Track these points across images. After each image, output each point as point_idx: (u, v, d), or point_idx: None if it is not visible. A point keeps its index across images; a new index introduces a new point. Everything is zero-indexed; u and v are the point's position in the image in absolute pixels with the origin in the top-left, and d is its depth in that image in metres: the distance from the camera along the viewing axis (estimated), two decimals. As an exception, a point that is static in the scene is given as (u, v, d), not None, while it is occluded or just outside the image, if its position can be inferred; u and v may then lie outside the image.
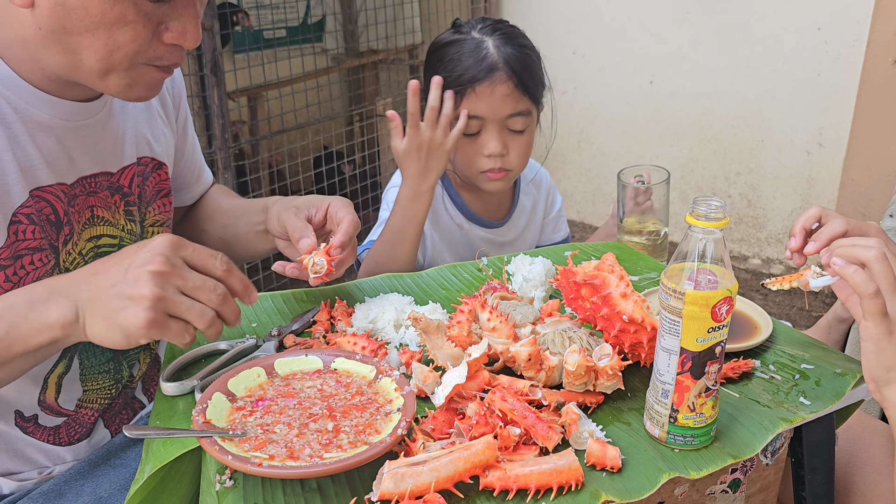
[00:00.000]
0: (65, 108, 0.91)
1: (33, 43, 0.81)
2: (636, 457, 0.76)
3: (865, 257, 0.81)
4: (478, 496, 0.70)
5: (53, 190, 0.91)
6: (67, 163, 0.93)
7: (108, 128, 0.98)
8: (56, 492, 0.96)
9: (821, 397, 0.86)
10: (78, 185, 0.95)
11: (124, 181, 1.02)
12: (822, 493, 0.92)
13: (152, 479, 0.77)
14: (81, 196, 0.95)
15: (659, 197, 1.39)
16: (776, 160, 3.22)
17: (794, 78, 3.06)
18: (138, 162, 1.05)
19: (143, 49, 0.82)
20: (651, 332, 0.82)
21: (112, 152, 1.00)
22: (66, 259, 0.94)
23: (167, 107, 1.13)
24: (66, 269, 0.93)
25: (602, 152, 3.75)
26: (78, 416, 1.01)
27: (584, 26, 3.55)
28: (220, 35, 2.46)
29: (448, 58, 1.37)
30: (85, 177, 0.96)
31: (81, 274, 0.78)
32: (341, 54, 3.56)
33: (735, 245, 3.47)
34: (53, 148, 0.91)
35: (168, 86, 1.14)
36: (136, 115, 1.05)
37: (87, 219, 0.97)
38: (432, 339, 0.87)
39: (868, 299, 0.79)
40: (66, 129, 0.92)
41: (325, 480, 0.73)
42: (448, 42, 1.39)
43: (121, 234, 1.02)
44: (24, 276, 0.88)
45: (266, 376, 0.83)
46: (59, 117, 0.90)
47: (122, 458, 1.02)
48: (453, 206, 1.52)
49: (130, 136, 1.03)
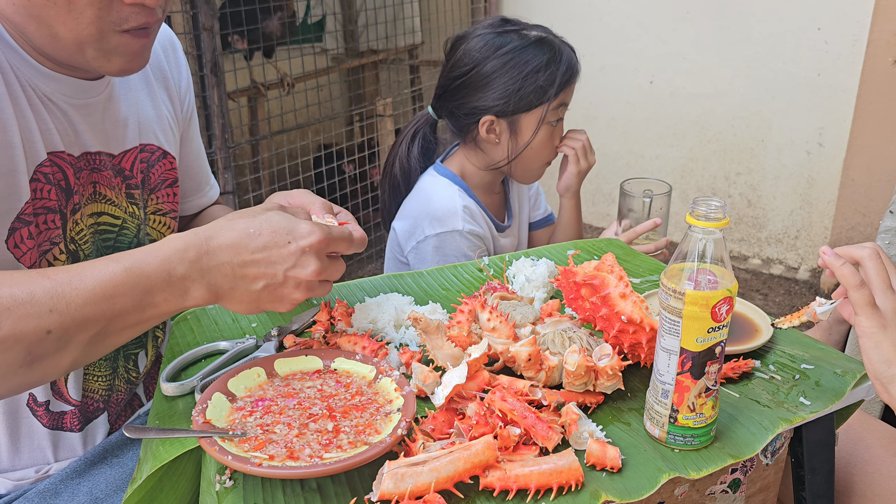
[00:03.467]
0: (67, 84, 0.92)
1: (16, 18, 0.82)
2: (636, 457, 0.76)
3: (859, 255, 0.83)
4: (478, 496, 0.70)
5: (64, 156, 0.93)
6: (73, 136, 0.94)
7: (109, 110, 0.99)
8: (52, 491, 0.96)
9: (821, 397, 0.86)
10: (83, 159, 0.96)
11: (126, 164, 1.03)
12: (822, 493, 0.92)
13: (150, 478, 0.77)
14: (86, 170, 0.97)
15: (657, 210, 1.44)
16: (776, 160, 3.22)
17: (794, 78, 3.06)
18: (142, 148, 1.05)
19: (104, 13, 0.81)
20: (650, 333, 0.82)
21: (113, 135, 1.01)
22: (73, 228, 0.95)
23: (174, 98, 1.13)
24: (71, 239, 0.95)
25: (602, 152, 3.75)
26: (84, 405, 1.02)
27: (584, 26, 3.55)
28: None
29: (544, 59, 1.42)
30: (89, 152, 0.97)
31: (219, 256, 0.77)
32: (341, 54, 3.57)
33: (735, 245, 3.47)
34: (61, 119, 0.93)
35: (174, 76, 1.14)
36: (140, 103, 1.06)
37: (90, 194, 0.98)
38: (432, 339, 0.87)
39: (853, 290, 0.81)
40: (70, 106, 0.93)
41: (325, 480, 0.73)
42: (533, 42, 1.43)
43: (123, 215, 1.03)
44: (42, 233, 0.90)
45: (266, 376, 0.83)
46: (61, 92, 0.92)
47: (119, 458, 1.02)
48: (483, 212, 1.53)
49: (133, 121, 1.04)
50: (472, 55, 1.43)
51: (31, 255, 0.90)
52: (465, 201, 1.48)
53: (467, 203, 1.48)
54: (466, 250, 1.45)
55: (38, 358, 0.71)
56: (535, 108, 1.43)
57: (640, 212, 1.46)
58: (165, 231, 1.12)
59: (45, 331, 0.70)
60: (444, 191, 1.49)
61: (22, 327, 0.69)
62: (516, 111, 1.43)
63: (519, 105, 1.42)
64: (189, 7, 2.31)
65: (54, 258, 0.93)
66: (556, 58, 1.42)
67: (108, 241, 1.02)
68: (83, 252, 0.97)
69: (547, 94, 1.42)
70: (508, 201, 1.64)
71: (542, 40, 1.43)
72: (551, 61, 1.41)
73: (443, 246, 1.45)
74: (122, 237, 1.04)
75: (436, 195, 1.49)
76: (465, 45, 1.45)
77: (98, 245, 1.01)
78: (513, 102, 1.42)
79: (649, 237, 1.47)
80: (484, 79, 1.42)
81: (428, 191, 1.51)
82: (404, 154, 1.56)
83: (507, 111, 1.43)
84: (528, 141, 1.45)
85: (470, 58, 1.44)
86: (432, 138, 1.58)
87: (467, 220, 1.46)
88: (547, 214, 1.78)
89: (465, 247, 1.45)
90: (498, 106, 1.42)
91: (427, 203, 1.48)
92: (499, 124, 1.45)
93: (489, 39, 1.43)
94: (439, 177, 1.52)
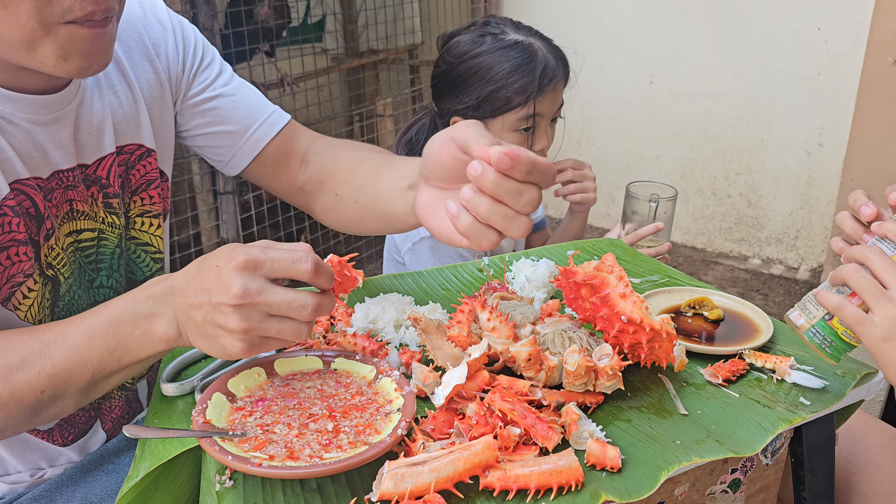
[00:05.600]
0: (27, 104, 0.85)
1: None
2: (636, 457, 0.76)
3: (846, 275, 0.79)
4: (478, 496, 0.70)
5: (30, 183, 0.87)
6: (40, 157, 0.89)
7: (81, 118, 0.93)
8: (46, 496, 0.95)
9: (821, 397, 0.86)
10: (54, 179, 0.91)
11: (101, 172, 0.97)
12: (822, 493, 0.92)
13: (147, 477, 0.77)
14: (59, 190, 0.91)
15: (661, 214, 1.44)
16: (776, 160, 3.22)
17: (794, 78, 3.06)
18: (119, 151, 0.99)
19: (43, 3, 0.73)
20: (650, 333, 0.82)
21: (88, 143, 0.95)
22: (49, 254, 0.91)
23: (158, 67, 1.04)
24: (48, 265, 0.91)
25: (602, 152, 3.75)
26: (71, 416, 1.00)
27: (584, 26, 3.55)
28: None
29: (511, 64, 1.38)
30: (61, 170, 0.91)
31: (176, 285, 0.74)
32: (341, 54, 3.56)
33: (735, 245, 3.47)
34: (23, 142, 0.86)
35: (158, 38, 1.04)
36: (117, 101, 0.99)
37: (66, 213, 0.94)
38: (432, 340, 0.87)
39: (839, 313, 0.78)
40: (34, 125, 0.87)
41: (325, 480, 0.73)
42: (507, 47, 1.39)
43: (100, 226, 0.99)
44: (8, 267, 0.86)
45: (266, 376, 0.83)
46: (21, 112, 0.85)
47: (114, 464, 1.01)
48: None
49: (109, 124, 0.97)
50: (447, 56, 1.44)
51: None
52: None
53: None
54: (462, 251, 1.45)
55: (41, 409, 0.78)
56: (499, 116, 1.41)
57: (645, 215, 1.46)
58: (155, 232, 1.07)
59: (39, 391, 0.76)
60: None
61: (18, 392, 0.76)
62: (483, 117, 1.42)
63: (485, 111, 1.41)
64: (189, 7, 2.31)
65: (29, 290, 0.89)
66: (526, 65, 1.38)
67: (90, 257, 0.99)
68: (62, 276, 0.94)
69: (512, 102, 1.40)
70: None
71: (516, 45, 1.40)
72: (518, 68, 1.38)
73: (438, 247, 1.45)
74: (104, 249, 1.00)
75: None
76: (448, 44, 1.45)
77: (80, 262, 0.97)
78: (479, 108, 1.40)
79: (652, 240, 1.48)
80: (454, 81, 1.42)
81: None
82: (402, 146, 1.56)
83: (476, 116, 1.41)
84: None
85: (445, 59, 1.44)
86: (432, 131, 1.58)
87: None
88: (539, 220, 1.77)
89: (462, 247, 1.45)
90: (466, 109, 1.42)
91: None
92: None
93: (467, 41, 1.42)
94: None
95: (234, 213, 2.57)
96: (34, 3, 0.73)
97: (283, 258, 0.70)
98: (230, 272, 0.69)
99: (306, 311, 0.70)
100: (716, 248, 3.52)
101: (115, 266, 1.02)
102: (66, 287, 0.95)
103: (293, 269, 0.70)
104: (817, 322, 0.78)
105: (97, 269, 1.00)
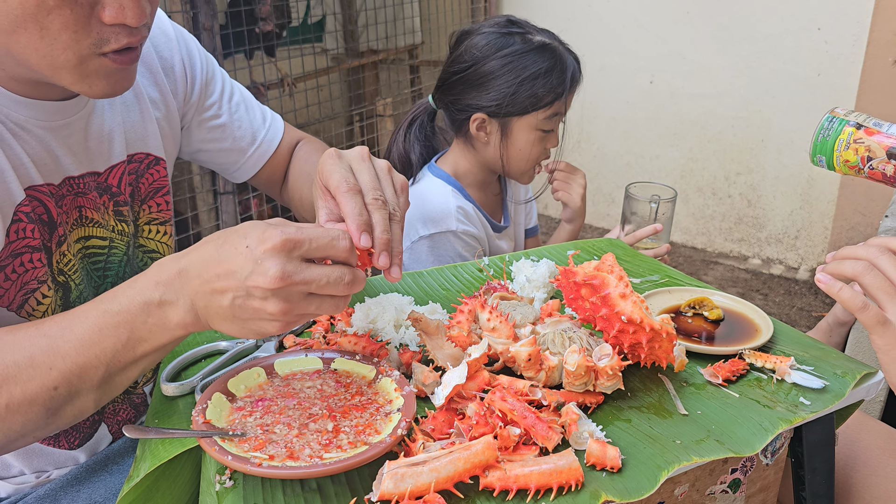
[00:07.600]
0: (41, 109, 0.86)
1: None
2: (636, 456, 0.76)
3: (852, 273, 0.78)
4: (478, 496, 0.70)
5: (44, 189, 0.88)
6: (53, 163, 0.90)
7: (92, 126, 0.94)
8: (51, 497, 0.95)
9: (821, 397, 0.86)
10: (65, 186, 0.92)
11: (112, 180, 0.98)
12: (822, 493, 0.92)
13: (147, 478, 0.77)
14: (69, 196, 0.92)
15: (661, 215, 1.45)
16: (776, 160, 3.22)
17: (794, 78, 3.06)
18: (130, 160, 1.01)
19: (82, 35, 0.74)
20: (650, 333, 0.82)
21: (98, 151, 0.96)
22: (60, 260, 0.92)
23: (162, 84, 1.06)
24: (59, 271, 0.92)
25: (602, 152, 3.75)
26: None
27: (584, 26, 3.55)
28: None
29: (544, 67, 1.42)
30: (72, 177, 0.92)
31: (190, 268, 0.72)
32: (341, 54, 3.56)
33: (735, 245, 3.47)
34: (37, 148, 0.87)
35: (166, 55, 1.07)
36: (126, 110, 1.00)
37: (76, 219, 0.94)
38: (432, 340, 0.87)
39: (859, 313, 0.78)
40: (46, 130, 0.88)
41: (325, 480, 0.73)
42: (536, 48, 1.42)
43: (110, 234, 0.99)
44: (22, 274, 0.87)
45: (266, 376, 0.83)
46: (35, 118, 0.86)
47: (119, 465, 1.01)
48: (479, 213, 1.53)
49: (119, 133, 0.98)
50: (472, 52, 1.43)
51: (11, 295, 0.87)
52: (460, 202, 1.48)
53: (462, 204, 1.48)
54: (461, 251, 1.45)
55: (58, 409, 0.74)
56: (527, 114, 1.43)
57: (645, 216, 1.46)
58: (163, 239, 1.09)
59: (52, 388, 0.72)
60: (438, 192, 1.49)
61: (30, 391, 0.72)
62: (508, 114, 1.43)
63: (512, 109, 1.42)
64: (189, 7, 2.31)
65: (43, 296, 0.90)
66: (557, 66, 1.42)
67: (98, 264, 0.99)
68: (73, 282, 0.94)
69: (542, 101, 1.42)
70: (505, 203, 1.64)
71: (546, 47, 1.42)
72: (551, 69, 1.41)
73: (437, 246, 1.45)
74: (112, 257, 1.01)
75: (430, 196, 1.49)
76: (468, 40, 1.45)
77: (88, 270, 0.98)
78: (506, 105, 1.41)
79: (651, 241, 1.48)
80: (481, 78, 1.42)
81: (422, 192, 1.51)
82: (401, 141, 1.56)
83: (500, 113, 1.43)
84: (519, 146, 1.45)
85: (470, 55, 1.44)
86: (430, 128, 1.58)
87: (461, 220, 1.46)
88: (533, 225, 1.78)
89: (460, 247, 1.45)
90: (491, 107, 1.42)
91: (421, 204, 1.48)
92: (490, 124, 1.45)
93: (492, 39, 1.43)
94: (433, 177, 1.52)
95: (234, 213, 2.57)
96: (73, 35, 0.73)
97: (321, 236, 0.70)
98: (267, 254, 0.67)
99: (344, 284, 0.70)
100: (716, 248, 3.52)
101: (120, 274, 1.03)
102: (76, 293, 0.95)
103: (332, 247, 0.70)
104: (831, 136, 0.85)
105: (104, 277, 1.01)
